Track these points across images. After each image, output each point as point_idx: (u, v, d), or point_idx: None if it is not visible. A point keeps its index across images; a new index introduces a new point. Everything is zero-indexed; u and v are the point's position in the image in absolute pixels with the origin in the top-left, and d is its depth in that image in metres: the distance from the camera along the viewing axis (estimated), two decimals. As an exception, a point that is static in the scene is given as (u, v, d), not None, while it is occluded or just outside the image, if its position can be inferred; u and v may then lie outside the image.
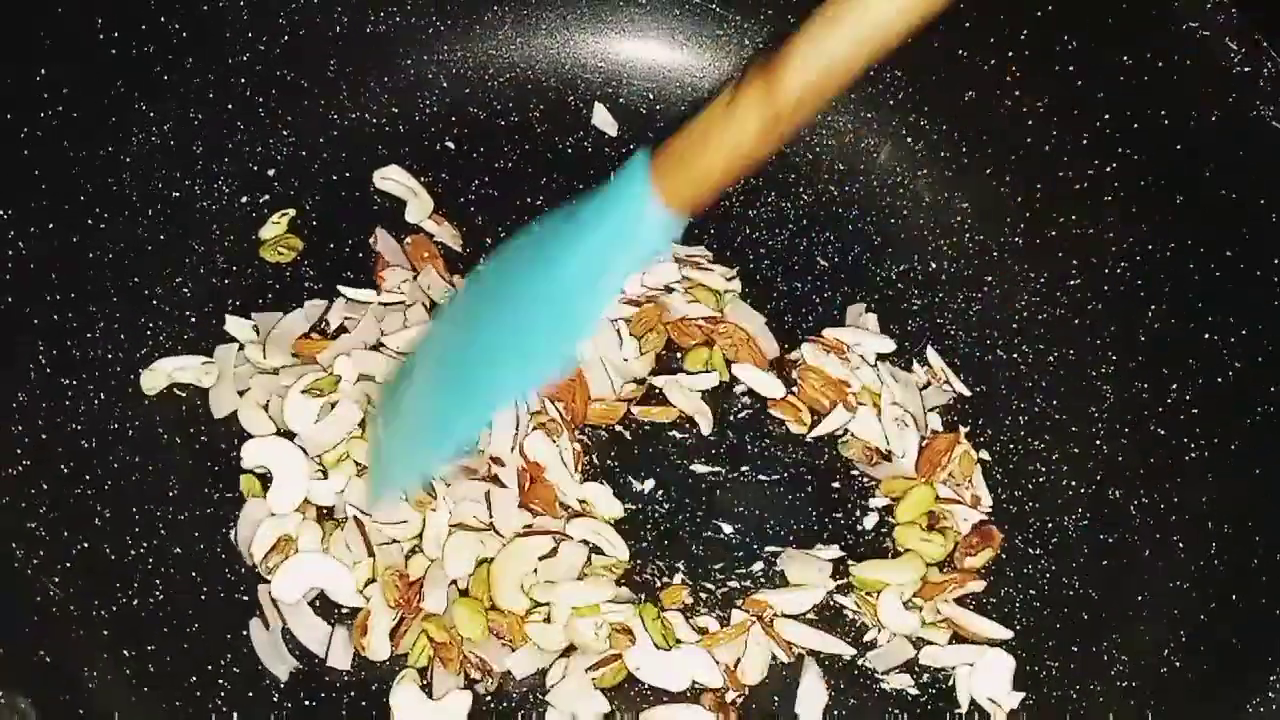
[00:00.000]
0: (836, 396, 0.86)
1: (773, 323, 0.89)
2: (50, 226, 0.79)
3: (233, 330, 0.85)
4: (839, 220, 0.96)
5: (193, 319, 0.85)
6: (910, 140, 0.97)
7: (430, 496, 0.78)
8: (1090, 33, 0.84)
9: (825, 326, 0.89)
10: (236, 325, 0.85)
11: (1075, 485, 0.84)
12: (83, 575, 0.72)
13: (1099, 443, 0.84)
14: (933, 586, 0.80)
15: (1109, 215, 0.85)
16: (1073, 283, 0.88)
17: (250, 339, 0.84)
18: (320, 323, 0.86)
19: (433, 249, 0.90)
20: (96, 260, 0.82)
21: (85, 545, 0.74)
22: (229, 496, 0.79)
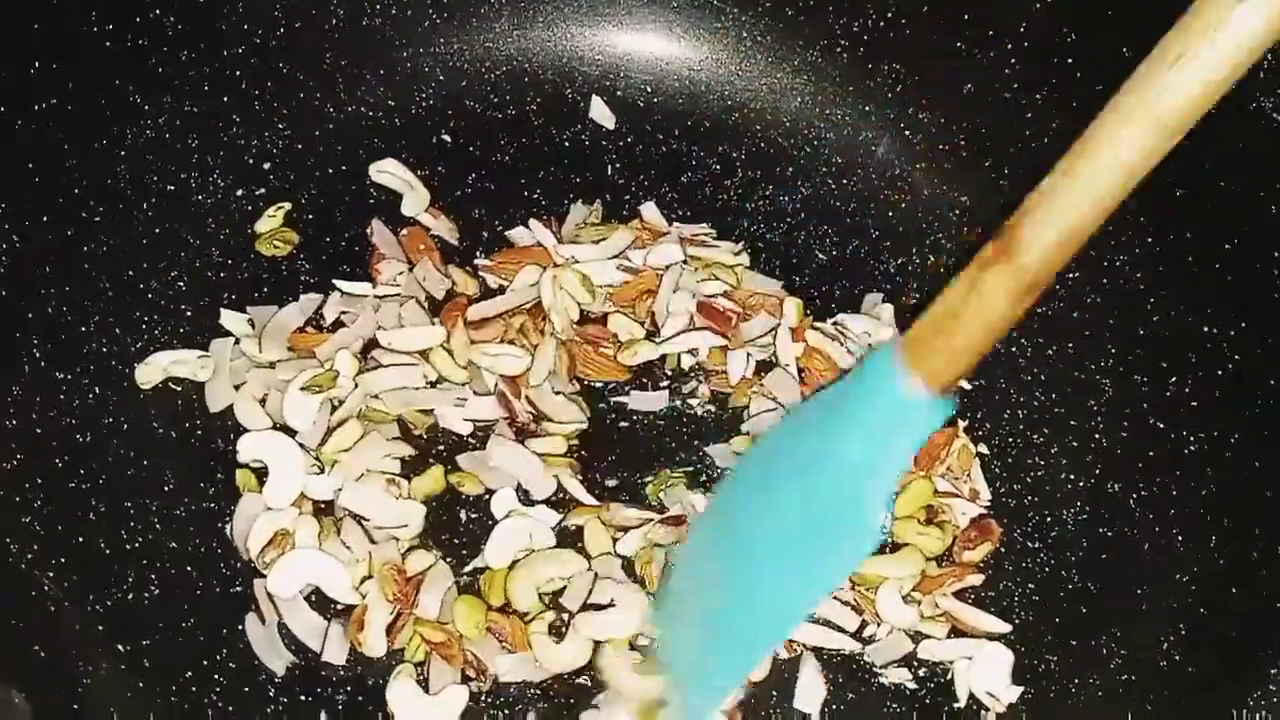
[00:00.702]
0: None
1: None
2: (45, 220, 0.79)
3: (228, 324, 0.84)
4: (837, 213, 0.95)
5: (188, 313, 0.85)
6: (909, 133, 0.97)
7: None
8: (1088, 25, 0.84)
9: (823, 319, 0.89)
10: (232, 319, 0.85)
11: (1074, 479, 0.84)
12: (78, 570, 0.72)
13: (1098, 436, 0.84)
14: (931, 580, 0.79)
15: (1107, 208, 0.85)
16: (1071, 276, 0.87)
17: (246, 333, 0.84)
18: (316, 316, 0.86)
19: (429, 242, 0.90)
20: (91, 254, 0.82)
21: (80, 539, 0.74)
22: (225, 491, 0.78)
